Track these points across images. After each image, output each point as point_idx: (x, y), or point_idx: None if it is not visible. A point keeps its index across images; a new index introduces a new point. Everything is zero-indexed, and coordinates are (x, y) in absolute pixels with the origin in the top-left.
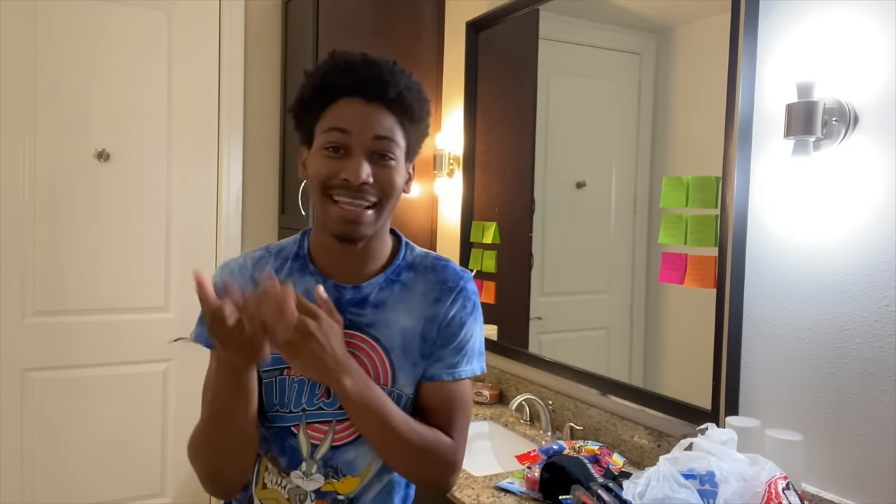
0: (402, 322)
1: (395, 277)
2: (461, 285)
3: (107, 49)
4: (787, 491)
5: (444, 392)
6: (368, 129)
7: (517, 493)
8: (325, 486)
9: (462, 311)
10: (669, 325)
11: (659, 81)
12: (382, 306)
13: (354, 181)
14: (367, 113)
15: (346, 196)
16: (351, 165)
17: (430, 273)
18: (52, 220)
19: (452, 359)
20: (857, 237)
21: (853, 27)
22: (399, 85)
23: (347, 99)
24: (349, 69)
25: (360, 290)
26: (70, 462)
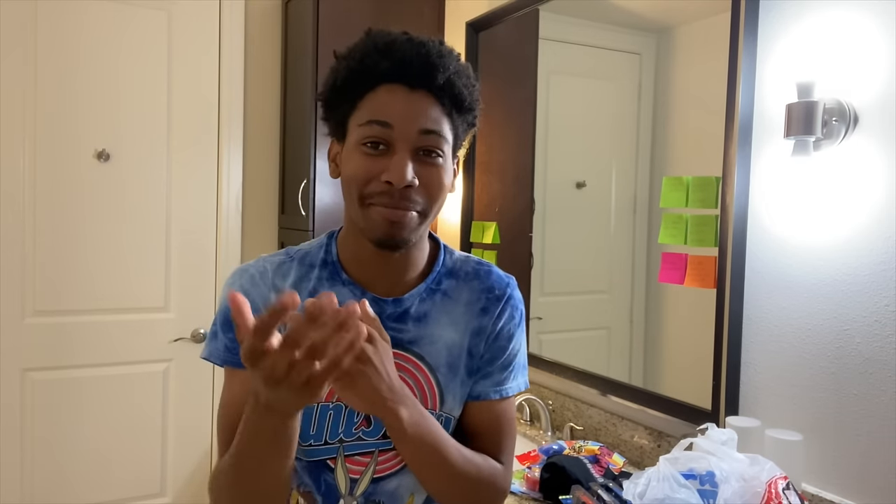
0: (447, 336)
1: (435, 287)
2: (508, 293)
3: (107, 49)
4: (787, 491)
5: (491, 412)
6: (414, 122)
7: (517, 493)
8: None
9: (510, 323)
10: (669, 325)
11: (659, 81)
12: (425, 319)
13: (398, 183)
14: (411, 102)
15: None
16: (393, 165)
17: (473, 280)
18: (52, 221)
19: (500, 375)
20: (857, 237)
21: (853, 27)
22: (448, 69)
23: (389, 86)
24: (389, 50)
25: (401, 303)
26: (70, 462)
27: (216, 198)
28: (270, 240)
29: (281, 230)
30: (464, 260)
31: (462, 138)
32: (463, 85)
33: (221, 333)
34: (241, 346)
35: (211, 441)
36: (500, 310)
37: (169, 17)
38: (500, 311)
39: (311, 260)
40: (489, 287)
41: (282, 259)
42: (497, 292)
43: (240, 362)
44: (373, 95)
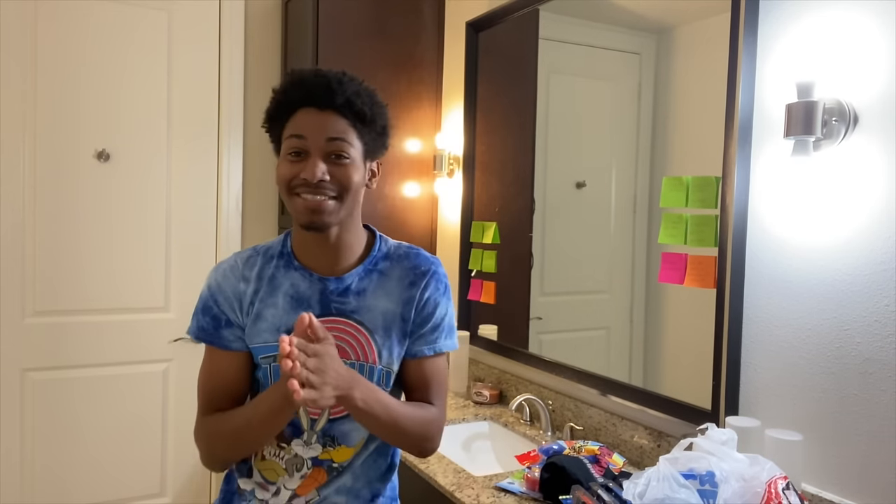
0: (382, 306)
1: (372, 267)
2: (433, 269)
3: (107, 49)
4: (787, 491)
5: (425, 366)
6: (321, 133)
7: (517, 493)
8: (322, 455)
9: (435, 293)
10: (669, 325)
11: (659, 81)
12: (364, 294)
13: (311, 179)
14: (320, 119)
15: (307, 193)
16: (308, 166)
17: (403, 260)
18: (52, 220)
19: (431, 336)
20: (857, 237)
21: (853, 27)
22: (346, 91)
23: (304, 109)
24: (301, 83)
25: (343, 281)
26: (70, 462)
27: (216, 198)
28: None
29: (281, 230)
30: (397, 246)
31: (375, 146)
32: (363, 103)
33: (201, 315)
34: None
35: None
36: (426, 283)
37: (169, 17)
38: (425, 283)
39: (271, 252)
40: (416, 265)
41: (250, 254)
42: (423, 269)
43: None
44: (294, 118)
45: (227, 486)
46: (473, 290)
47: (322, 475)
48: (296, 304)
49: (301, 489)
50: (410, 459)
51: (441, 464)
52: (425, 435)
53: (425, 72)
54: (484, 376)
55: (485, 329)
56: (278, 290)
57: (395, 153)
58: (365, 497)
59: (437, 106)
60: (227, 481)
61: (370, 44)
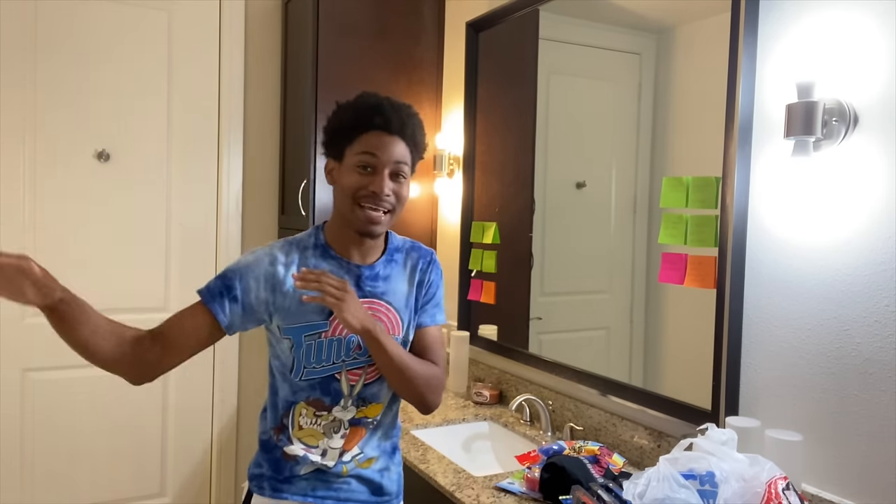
0: (402, 289)
1: (391, 258)
2: (433, 258)
3: (107, 49)
4: (787, 491)
5: (429, 334)
6: (391, 155)
7: (517, 493)
8: (358, 414)
9: (435, 276)
10: (669, 325)
11: (659, 81)
12: (388, 279)
13: (380, 193)
14: (390, 143)
15: (371, 203)
16: (377, 181)
17: (411, 251)
18: (52, 220)
19: (432, 311)
20: (857, 237)
21: (853, 27)
22: (413, 125)
23: (376, 132)
24: (378, 109)
25: (373, 269)
26: (70, 462)
27: (216, 198)
28: (270, 240)
29: (281, 230)
30: (402, 240)
31: (415, 165)
32: (420, 134)
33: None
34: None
35: (211, 441)
36: (429, 270)
37: (169, 17)
38: (429, 270)
39: (304, 244)
40: (423, 255)
41: (283, 243)
42: (427, 258)
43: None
44: (366, 136)
45: (268, 454)
46: (473, 290)
47: (362, 431)
48: None
49: (347, 444)
50: (410, 460)
51: (441, 464)
52: (430, 385)
53: (425, 72)
54: (484, 376)
55: (485, 329)
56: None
57: None
58: (387, 449)
59: (437, 106)
60: (266, 450)
61: (370, 44)
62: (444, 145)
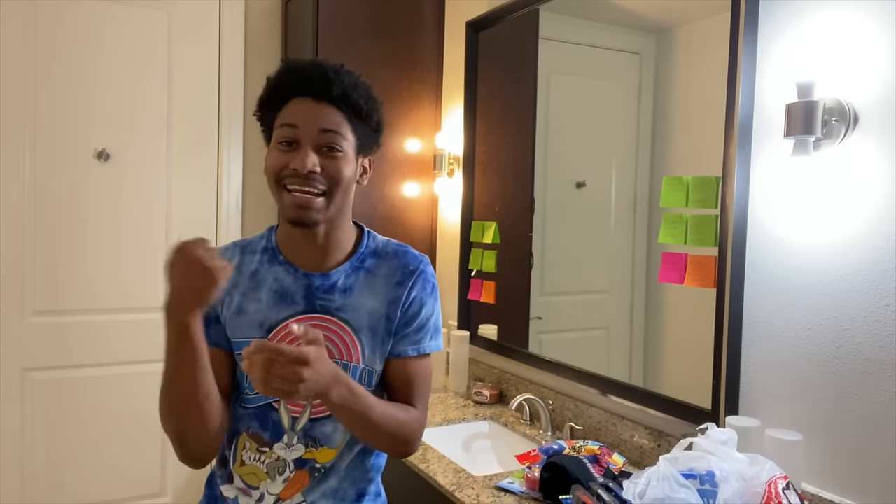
0: (368, 305)
1: (359, 264)
2: (420, 268)
3: (107, 49)
4: (787, 491)
5: (409, 367)
6: (314, 124)
7: (517, 493)
8: (306, 455)
9: (422, 293)
10: (669, 325)
11: (659, 81)
12: (350, 291)
13: (301, 170)
14: (314, 110)
15: (296, 184)
16: (299, 156)
17: (392, 258)
18: (52, 220)
19: (415, 336)
20: (857, 237)
21: (853, 27)
22: (343, 83)
23: (298, 98)
24: (297, 70)
25: (329, 278)
26: (70, 462)
27: (216, 198)
28: None
29: None
30: (385, 243)
31: (368, 142)
32: (359, 96)
33: None
34: None
35: None
36: (413, 282)
37: (169, 17)
38: (412, 283)
39: (253, 247)
40: (405, 264)
41: (227, 247)
42: (411, 268)
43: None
44: (287, 106)
45: (209, 490)
46: (473, 290)
47: (305, 478)
48: (280, 300)
49: (285, 493)
50: (410, 460)
51: (441, 464)
52: (404, 437)
53: (425, 71)
54: (484, 376)
55: (485, 329)
56: (262, 285)
57: (395, 153)
58: (350, 497)
59: (437, 106)
60: (209, 485)
61: (370, 44)
62: (444, 145)
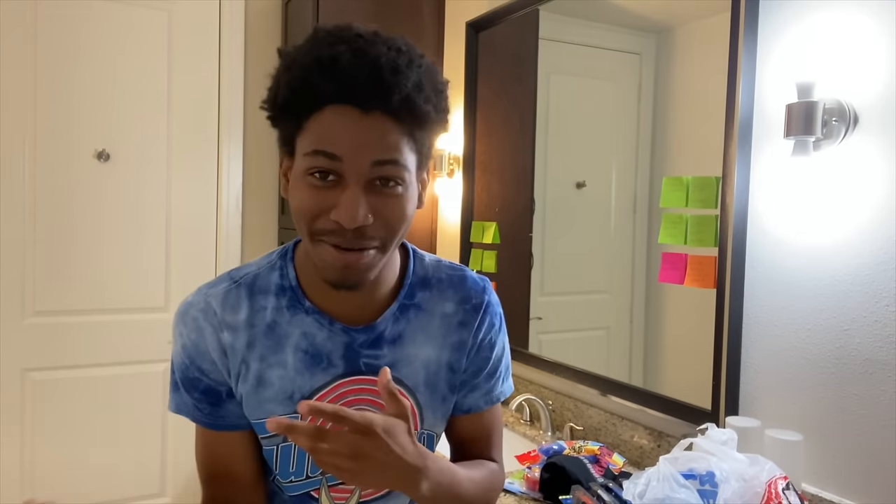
0: (423, 355)
1: (408, 301)
2: (486, 300)
3: (107, 49)
4: (787, 491)
5: (483, 420)
6: (366, 153)
7: (517, 493)
8: None
9: (491, 331)
10: (669, 325)
11: (659, 81)
12: (400, 341)
13: (349, 225)
14: (363, 128)
15: (338, 241)
16: (343, 203)
17: (447, 289)
18: (52, 221)
19: (487, 385)
20: (857, 237)
21: (853, 27)
22: (406, 85)
23: (336, 107)
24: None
25: (374, 329)
26: (70, 462)
27: (216, 198)
28: (270, 240)
29: (281, 230)
30: (436, 266)
31: (430, 151)
32: (425, 99)
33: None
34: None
35: None
36: (480, 320)
37: (169, 17)
38: (479, 321)
39: (262, 285)
40: (466, 297)
41: (227, 287)
42: (475, 301)
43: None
44: (319, 117)
45: None
46: None
47: None
48: (312, 362)
49: None
50: None
51: None
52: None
53: None
54: None
55: None
56: (285, 344)
57: None
58: None
59: None
60: None
61: None
62: (444, 145)
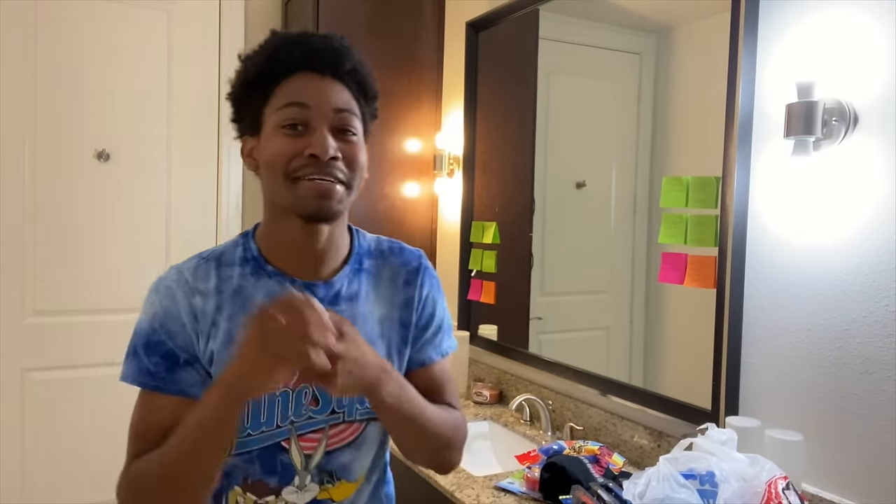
0: (378, 312)
1: (359, 266)
2: (423, 264)
3: (107, 49)
4: (787, 491)
5: (436, 372)
6: (328, 102)
7: (517, 493)
8: (321, 495)
9: (432, 289)
10: (669, 325)
11: (659, 81)
12: (356, 299)
13: (323, 156)
14: (324, 86)
15: (315, 173)
16: (316, 140)
17: (390, 257)
18: (52, 221)
19: (436, 339)
20: (857, 237)
21: (853, 27)
22: (353, 59)
23: (302, 74)
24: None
25: (332, 286)
26: (70, 462)
27: (216, 198)
28: None
29: None
30: (377, 240)
31: (369, 126)
32: (366, 73)
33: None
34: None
35: None
36: (421, 280)
37: (169, 17)
38: (421, 281)
39: (228, 259)
40: (406, 261)
41: (196, 263)
42: (414, 265)
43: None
44: (287, 83)
45: None
46: (473, 290)
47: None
48: None
49: None
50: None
51: None
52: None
53: (425, 72)
54: (484, 376)
55: (485, 329)
56: (250, 304)
57: (395, 153)
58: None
59: (437, 106)
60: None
61: (370, 44)
62: (444, 145)
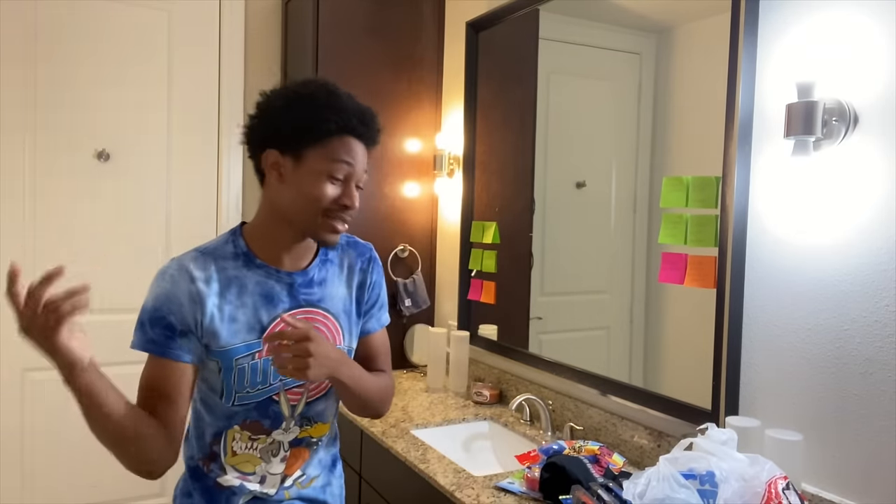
0: (340, 293)
1: (325, 258)
2: (374, 255)
3: (107, 49)
4: (787, 491)
5: (376, 340)
6: (362, 165)
7: (517, 493)
8: (301, 434)
9: (378, 276)
10: (669, 325)
11: (659, 81)
12: (325, 283)
13: (352, 207)
14: (362, 151)
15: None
16: (349, 194)
17: (348, 249)
18: (52, 220)
19: (379, 313)
20: (857, 237)
21: (853, 27)
22: (379, 130)
23: (351, 137)
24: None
25: (307, 274)
26: (70, 462)
27: (216, 198)
28: None
29: None
30: None
31: None
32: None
33: (149, 327)
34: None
35: None
36: (372, 268)
37: (169, 17)
38: (371, 268)
39: (221, 254)
40: (361, 252)
41: (195, 255)
42: (368, 255)
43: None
44: (339, 140)
45: (197, 482)
46: (473, 290)
47: (305, 453)
48: (266, 302)
49: (288, 469)
50: (411, 459)
51: (441, 464)
52: (386, 401)
53: (425, 72)
54: (484, 376)
55: (485, 329)
56: (245, 291)
57: (395, 153)
58: (327, 464)
59: (437, 106)
60: (196, 478)
61: (370, 44)
62: (444, 145)
